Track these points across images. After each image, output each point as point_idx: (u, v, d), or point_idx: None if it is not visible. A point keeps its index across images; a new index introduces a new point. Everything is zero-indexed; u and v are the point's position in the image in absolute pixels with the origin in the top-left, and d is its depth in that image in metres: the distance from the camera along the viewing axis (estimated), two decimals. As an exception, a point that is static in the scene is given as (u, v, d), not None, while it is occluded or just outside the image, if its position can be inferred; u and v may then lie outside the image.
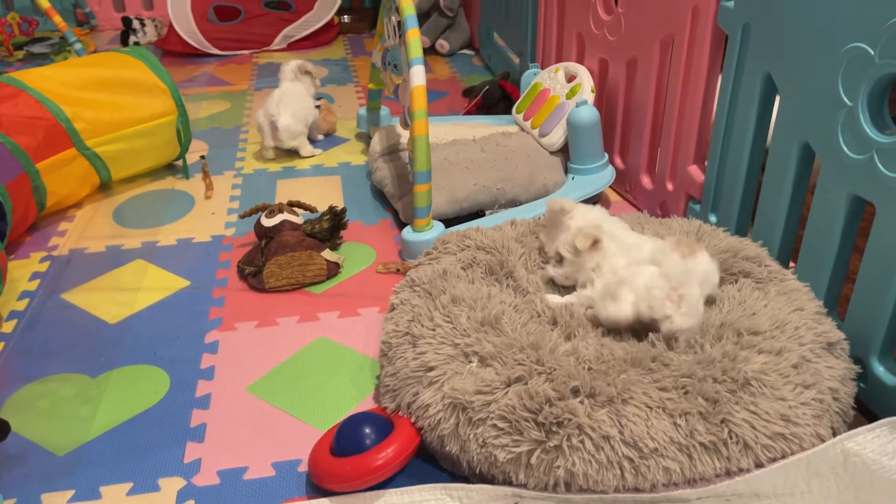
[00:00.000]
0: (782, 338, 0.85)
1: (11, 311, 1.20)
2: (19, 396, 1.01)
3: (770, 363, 0.80)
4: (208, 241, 1.40)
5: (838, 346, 0.87)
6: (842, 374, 0.83)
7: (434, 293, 0.98)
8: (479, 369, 0.84)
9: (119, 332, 1.14)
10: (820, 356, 0.83)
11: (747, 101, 1.11)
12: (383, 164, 1.54)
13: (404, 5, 1.33)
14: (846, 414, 0.82)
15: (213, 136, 1.88)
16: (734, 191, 1.18)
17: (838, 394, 0.80)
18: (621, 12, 1.41)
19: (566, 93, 1.53)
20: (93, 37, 2.79)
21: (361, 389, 1.02)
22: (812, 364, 0.82)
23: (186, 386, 1.03)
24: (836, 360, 0.84)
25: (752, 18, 1.07)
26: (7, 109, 1.34)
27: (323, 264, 1.27)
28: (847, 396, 0.82)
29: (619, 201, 1.53)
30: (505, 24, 2.16)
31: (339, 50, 2.64)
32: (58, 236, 1.42)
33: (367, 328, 1.15)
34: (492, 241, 1.13)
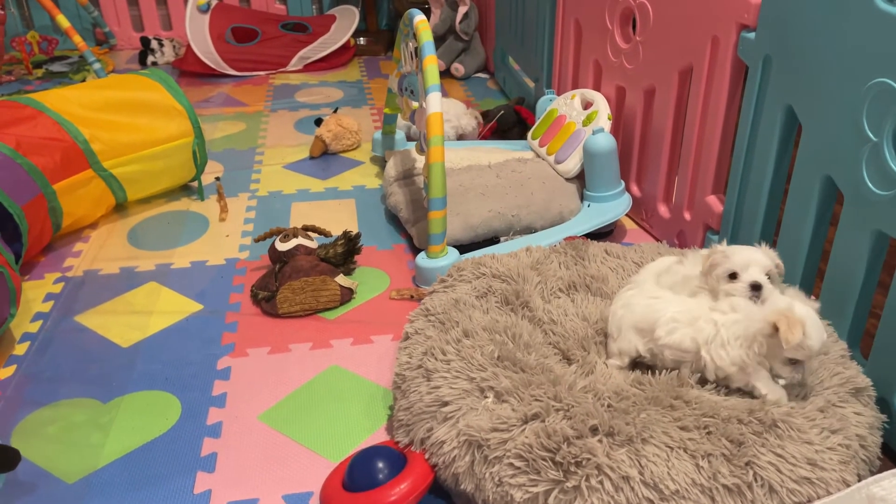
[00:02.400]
0: (808, 380, 0.83)
1: (24, 332, 1.20)
2: (30, 421, 1.00)
3: (796, 406, 0.78)
4: (222, 264, 1.40)
5: (865, 392, 0.85)
6: (870, 421, 0.81)
7: (448, 324, 0.97)
8: (494, 405, 0.82)
9: (131, 357, 1.14)
10: (846, 401, 0.81)
11: (768, 132, 1.10)
12: (398, 189, 1.54)
13: (422, 32, 1.33)
14: (872, 462, 0.80)
15: (228, 158, 1.89)
16: (754, 222, 1.16)
17: (865, 441, 0.78)
18: (639, 41, 1.41)
19: (582, 120, 1.52)
20: (111, 56, 2.82)
21: (374, 420, 1.00)
22: (838, 409, 0.80)
23: (198, 413, 1.02)
24: (863, 408, 0.82)
25: (774, 50, 1.06)
26: (26, 130, 1.35)
27: (336, 290, 1.26)
28: (874, 445, 0.80)
29: (636, 229, 1.52)
30: (520, 49, 2.17)
31: (355, 72, 2.66)
32: (72, 257, 1.42)
33: (380, 356, 1.14)
34: (507, 269, 1.12)
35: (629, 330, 0.90)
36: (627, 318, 0.90)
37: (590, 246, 1.20)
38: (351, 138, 1.91)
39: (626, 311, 0.91)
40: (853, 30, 0.90)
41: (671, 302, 0.89)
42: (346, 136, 1.90)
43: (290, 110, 2.24)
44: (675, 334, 0.86)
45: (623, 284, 1.12)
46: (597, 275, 1.13)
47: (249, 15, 2.73)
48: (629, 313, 0.90)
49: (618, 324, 0.91)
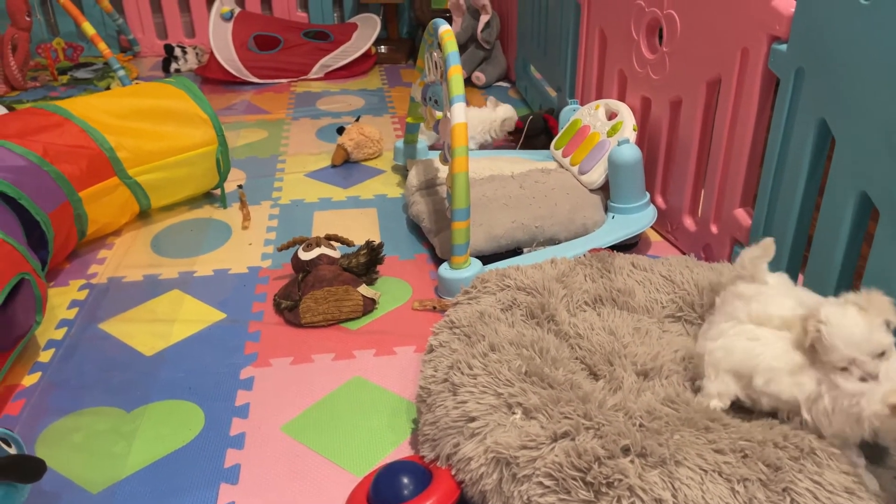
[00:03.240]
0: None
1: (49, 339, 1.20)
2: (55, 429, 1.00)
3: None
4: (245, 272, 1.40)
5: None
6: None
7: (474, 337, 0.96)
8: (523, 421, 0.81)
9: (155, 365, 1.14)
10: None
11: (800, 146, 1.08)
12: (420, 199, 1.53)
13: (447, 42, 1.33)
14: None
15: (250, 165, 1.89)
16: (784, 237, 1.14)
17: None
18: (666, 51, 1.39)
19: (607, 130, 1.51)
20: (135, 63, 2.85)
21: (398, 434, 0.99)
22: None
23: (221, 424, 1.01)
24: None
25: (807, 62, 1.04)
26: (53, 138, 1.36)
27: (359, 300, 1.25)
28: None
29: (660, 241, 1.50)
30: (543, 58, 2.16)
31: (376, 80, 2.66)
32: (97, 264, 1.43)
33: (403, 368, 1.13)
34: (532, 282, 1.11)
35: (727, 374, 0.84)
36: (726, 362, 0.84)
37: (616, 258, 1.18)
38: (373, 147, 1.91)
39: (724, 354, 0.85)
40: (889, 41, 0.88)
41: (771, 344, 0.82)
42: (368, 145, 1.90)
43: (312, 118, 2.25)
44: (773, 385, 0.79)
45: (650, 298, 1.11)
46: (623, 288, 1.11)
47: (272, 23, 2.74)
48: (727, 356, 0.84)
49: (715, 366, 0.85)
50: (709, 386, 0.86)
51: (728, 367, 0.84)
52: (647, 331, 1.02)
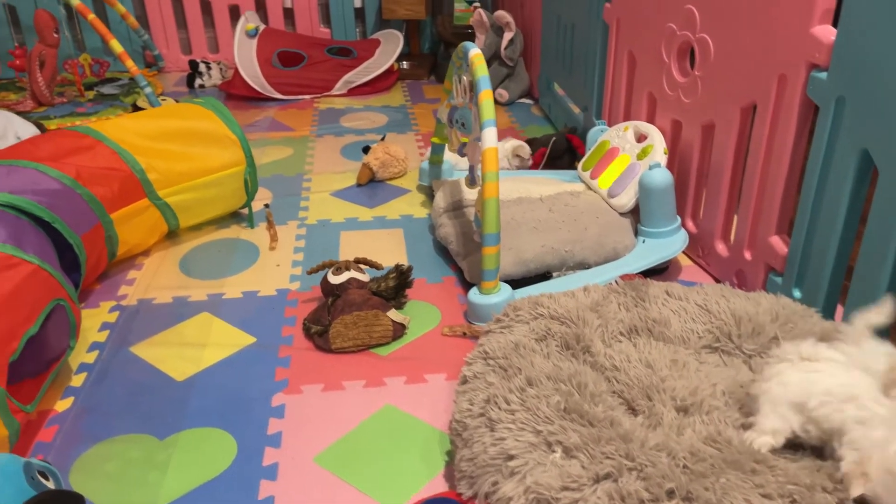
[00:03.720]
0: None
1: (81, 362, 1.21)
2: (88, 457, 1.00)
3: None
4: (273, 294, 1.40)
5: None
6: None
7: (510, 371, 0.95)
8: (563, 461, 0.80)
9: (186, 391, 1.14)
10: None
11: (841, 175, 1.06)
12: (447, 221, 1.53)
13: (477, 66, 1.33)
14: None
15: (275, 184, 1.90)
16: (823, 266, 1.12)
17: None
18: (698, 75, 1.38)
19: (637, 153, 1.50)
20: (160, 78, 2.88)
21: (432, 466, 0.98)
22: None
23: (254, 453, 1.01)
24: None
25: (848, 91, 1.03)
26: (86, 160, 1.37)
27: (389, 325, 1.25)
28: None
29: (691, 266, 1.48)
30: (567, 77, 2.15)
31: (399, 96, 2.66)
32: (126, 285, 1.43)
33: (434, 397, 1.12)
34: (566, 311, 1.10)
35: (784, 406, 0.82)
36: (782, 395, 0.82)
37: (650, 286, 1.17)
38: (398, 166, 1.91)
39: (782, 389, 0.83)
40: (939, 75, 0.87)
41: (831, 373, 0.80)
42: (393, 164, 1.90)
43: (336, 136, 2.25)
44: (824, 408, 0.77)
45: (686, 328, 1.09)
46: (658, 318, 1.10)
47: (296, 39, 2.76)
48: (784, 389, 0.82)
49: (773, 402, 0.83)
50: (763, 422, 0.83)
51: (785, 399, 0.82)
52: (684, 363, 1.01)
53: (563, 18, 2.13)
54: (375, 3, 3.01)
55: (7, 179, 1.24)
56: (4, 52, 2.79)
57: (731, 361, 1.04)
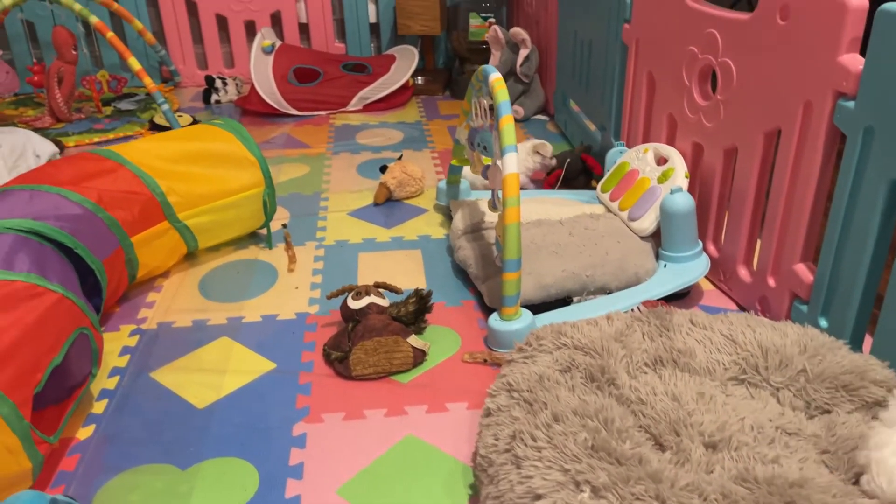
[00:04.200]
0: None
1: (102, 388, 1.21)
2: (110, 488, 1.00)
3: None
4: (293, 318, 1.40)
5: None
6: None
7: (536, 405, 0.94)
8: (592, 501, 0.79)
9: (206, 419, 1.13)
10: None
11: (869, 205, 1.05)
12: (466, 244, 1.52)
13: (498, 91, 1.32)
14: None
15: (293, 203, 1.90)
16: (850, 296, 1.11)
17: None
18: (720, 99, 1.37)
19: (657, 176, 1.49)
20: (176, 94, 2.89)
21: (455, 500, 0.97)
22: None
23: (276, 484, 1.00)
24: None
25: (876, 121, 1.02)
26: (107, 184, 1.37)
27: (409, 352, 1.24)
28: None
29: (713, 290, 1.47)
30: (584, 95, 2.15)
31: (414, 112, 2.67)
32: (146, 308, 1.43)
33: (456, 427, 1.11)
34: (590, 341, 1.09)
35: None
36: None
37: (674, 315, 1.15)
38: (415, 185, 1.91)
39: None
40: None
41: None
42: (411, 184, 1.90)
43: (352, 153, 2.26)
44: None
45: (711, 359, 1.08)
46: (684, 348, 1.08)
47: (312, 56, 2.77)
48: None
49: (888, 473, 0.80)
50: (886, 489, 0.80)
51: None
52: (711, 396, 0.99)
53: (579, 35, 2.12)
54: (390, 19, 3.02)
55: (29, 205, 1.24)
56: (23, 69, 2.82)
57: (759, 394, 1.02)
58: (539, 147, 1.87)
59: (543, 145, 1.88)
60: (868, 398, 0.96)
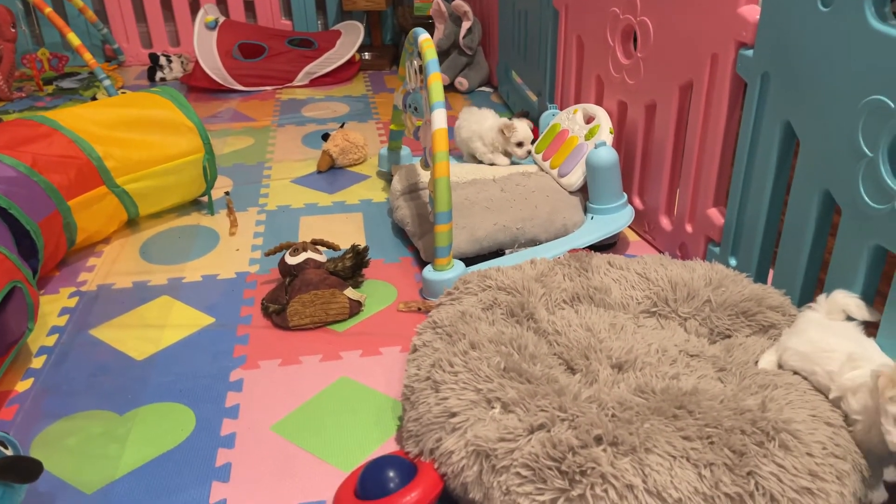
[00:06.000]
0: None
1: (41, 346, 1.22)
2: (48, 433, 1.03)
3: (804, 420, 0.80)
4: (233, 277, 1.43)
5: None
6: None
7: (455, 336, 0.99)
8: (501, 416, 0.85)
9: (146, 369, 1.16)
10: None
11: (767, 147, 1.13)
12: (404, 203, 1.57)
13: (426, 50, 1.37)
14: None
15: (236, 173, 1.92)
16: (754, 235, 1.19)
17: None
18: (640, 57, 1.44)
19: (585, 134, 1.55)
20: (120, 72, 2.87)
21: (384, 431, 1.03)
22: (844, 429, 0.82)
23: (212, 425, 1.04)
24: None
25: (771, 67, 1.09)
26: (41, 149, 1.38)
27: (345, 303, 1.29)
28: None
29: (638, 241, 1.54)
30: (523, 64, 2.20)
31: (360, 86, 2.69)
32: (86, 272, 1.45)
33: (389, 368, 1.16)
34: (512, 282, 1.15)
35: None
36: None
37: (593, 258, 1.22)
38: (357, 153, 1.95)
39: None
40: (847, 48, 0.93)
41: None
42: (353, 151, 1.94)
43: (297, 125, 2.28)
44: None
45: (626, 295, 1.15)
46: (600, 286, 1.15)
47: (256, 31, 2.77)
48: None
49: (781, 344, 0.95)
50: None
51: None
52: (622, 326, 1.06)
53: (517, 6, 2.18)
54: (336, -5, 3.03)
55: (-38, 168, 1.25)
56: (-40, 48, 2.76)
57: (668, 324, 1.10)
58: (505, 128, 1.65)
59: (510, 127, 1.65)
60: (764, 322, 1.03)
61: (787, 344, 0.93)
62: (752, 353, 0.99)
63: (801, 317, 0.95)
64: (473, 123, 1.73)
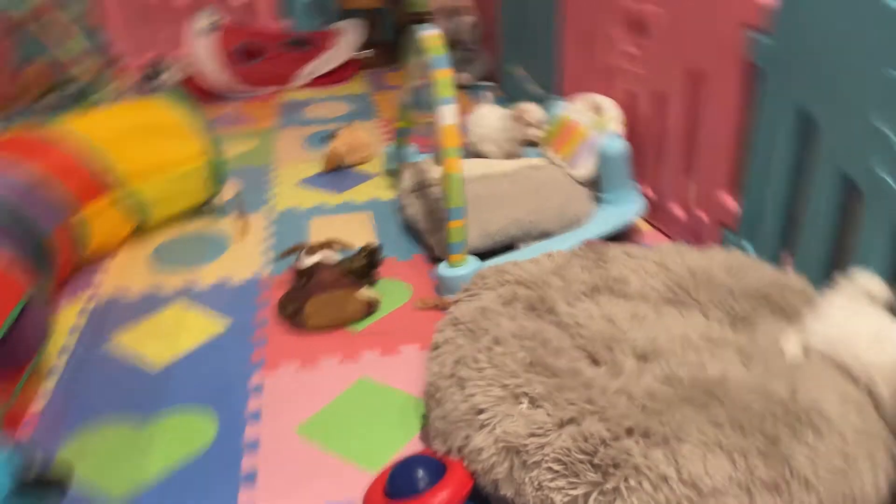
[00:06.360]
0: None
1: (56, 359, 1.22)
2: (70, 448, 1.02)
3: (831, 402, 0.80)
4: (246, 281, 1.42)
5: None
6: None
7: (478, 332, 0.99)
8: (529, 411, 0.84)
9: (164, 378, 1.16)
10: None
11: (782, 132, 1.12)
12: (414, 201, 1.56)
13: (433, 46, 1.36)
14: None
15: (243, 175, 1.91)
16: (771, 220, 1.18)
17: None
18: (649, 45, 1.43)
19: (594, 125, 1.54)
20: (120, 78, 2.85)
21: (407, 430, 1.02)
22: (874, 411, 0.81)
23: (234, 430, 1.04)
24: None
25: (785, 52, 1.08)
26: (51, 157, 1.38)
27: (361, 303, 1.28)
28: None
29: (651, 231, 1.54)
30: (526, 57, 2.19)
31: (361, 85, 2.69)
32: (98, 280, 1.44)
33: (408, 366, 1.16)
34: (530, 276, 1.14)
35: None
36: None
37: (610, 248, 1.21)
38: (364, 151, 1.94)
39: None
40: (863, 28, 0.92)
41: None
42: (360, 149, 1.93)
43: (300, 126, 2.27)
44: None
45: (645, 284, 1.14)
46: (619, 277, 1.14)
47: (255, 33, 2.76)
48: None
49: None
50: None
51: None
52: (644, 316, 1.05)
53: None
54: (334, -6, 3.01)
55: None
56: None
57: (688, 312, 1.08)
58: (522, 113, 1.64)
59: (522, 111, 1.64)
60: (787, 308, 1.03)
61: (812, 328, 0.92)
62: (776, 338, 0.98)
63: (825, 300, 0.94)
64: (478, 127, 1.71)
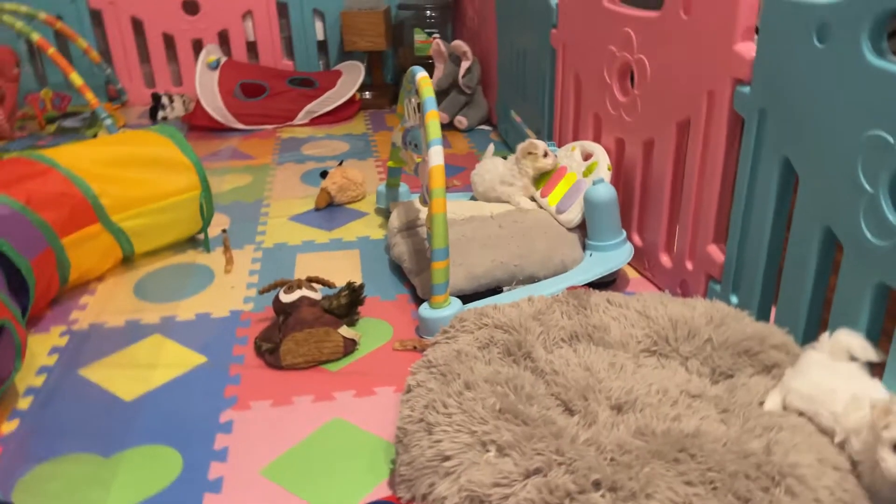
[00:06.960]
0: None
1: (28, 386, 1.20)
2: (32, 477, 1.00)
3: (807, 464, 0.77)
4: (227, 316, 1.41)
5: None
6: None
7: (450, 376, 0.97)
8: (496, 459, 0.82)
9: (134, 410, 1.13)
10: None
11: (766, 183, 1.11)
12: (401, 240, 1.55)
13: (423, 88, 1.37)
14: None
15: (234, 210, 1.91)
16: (755, 272, 1.17)
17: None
18: (637, 94, 1.44)
19: (583, 171, 1.55)
20: (123, 112, 2.89)
21: (377, 475, 0.99)
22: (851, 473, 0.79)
23: (199, 468, 1.01)
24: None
25: (768, 103, 1.08)
26: (36, 186, 1.38)
27: (340, 341, 1.26)
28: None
29: (638, 278, 1.52)
30: (522, 102, 2.21)
31: (361, 125, 2.71)
32: (78, 310, 1.43)
33: (383, 409, 1.13)
34: (509, 320, 1.12)
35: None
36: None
37: (592, 295, 1.20)
38: (356, 190, 1.94)
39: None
40: (844, 83, 0.92)
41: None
42: (351, 188, 1.93)
43: (297, 163, 2.28)
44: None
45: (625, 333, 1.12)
46: (599, 324, 1.13)
47: (258, 71, 2.80)
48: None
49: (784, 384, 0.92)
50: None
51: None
52: (622, 366, 1.03)
53: (515, 45, 2.20)
54: (338, 36, 3.07)
55: (-45, 205, 1.24)
56: (-35, 88, 2.79)
57: (668, 363, 1.07)
58: (529, 147, 1.60)
59: (531, 144, 1.60)
60: (767, 362, 1.01)
61: (791, 385, 0.90)
62: (756, 393, 0.96)
63: (805, 357, 0.92)
64: (486, 173, 1.69)
